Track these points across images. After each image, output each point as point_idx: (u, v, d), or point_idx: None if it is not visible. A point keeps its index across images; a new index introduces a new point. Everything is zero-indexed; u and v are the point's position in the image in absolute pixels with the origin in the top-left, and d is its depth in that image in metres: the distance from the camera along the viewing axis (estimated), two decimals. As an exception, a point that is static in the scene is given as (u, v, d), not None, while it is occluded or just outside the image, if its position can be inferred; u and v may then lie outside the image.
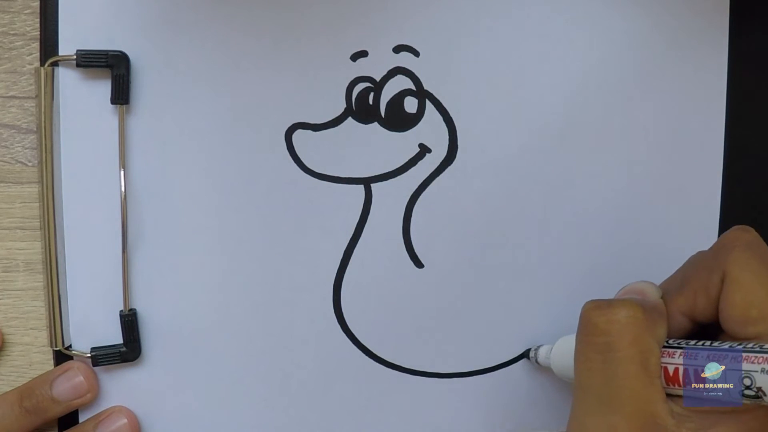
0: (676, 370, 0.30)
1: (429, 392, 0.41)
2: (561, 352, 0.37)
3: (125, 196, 0.38)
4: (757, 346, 0.28)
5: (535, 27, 0.38)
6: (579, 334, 0.31)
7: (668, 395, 0.30)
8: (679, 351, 0.30)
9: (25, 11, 0.37)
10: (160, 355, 0.39)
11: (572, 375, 0.33)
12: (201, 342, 0.39)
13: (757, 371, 0.27)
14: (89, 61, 0.36)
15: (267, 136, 0.38)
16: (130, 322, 0.38)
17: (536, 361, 0.39)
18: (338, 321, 0.40)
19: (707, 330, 0.32)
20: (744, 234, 0.31)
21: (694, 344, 0.30)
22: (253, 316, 0.39)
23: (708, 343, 0.30)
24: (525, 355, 0.41)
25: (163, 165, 0.38)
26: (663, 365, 0.30)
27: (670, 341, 0.31)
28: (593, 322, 0.31)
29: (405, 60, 0.38)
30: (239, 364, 0.40)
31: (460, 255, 0.40)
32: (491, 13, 0.38)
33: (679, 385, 0.30)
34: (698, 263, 0.32)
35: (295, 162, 0.39)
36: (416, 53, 0.38)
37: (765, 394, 0.27)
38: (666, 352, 0.30)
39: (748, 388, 0.28)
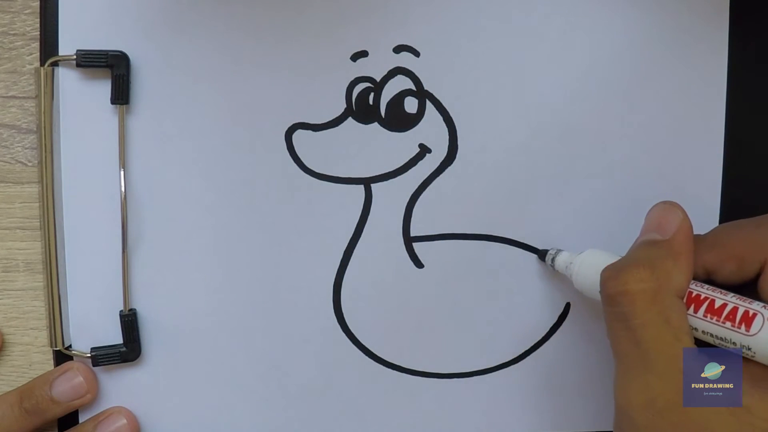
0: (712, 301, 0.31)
1: (429, 392, 0.40)
2: (587, 264, 0.35)
3: (125, 196, 0.38)
4: None
5: (535, 27, 0.38)
6: (602, 303, 0.32)
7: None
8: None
9: (25, 11, 0.37)
10: (160, 355, 0.39)
11: (591, 291, 0.34)
12: (201, 342, 0.39)
13: None
14: (89, 61, 0.36)
15: (267, 136, 0.38)
16: (130, 322, 0.38)
17: (551, 265, 0.38)
18: (338, 321, 0.40)
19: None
20: None
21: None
22: (253, 316, 0.39)
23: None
24: (540, 255, 0.39)
25: (163, 165, 0.38)
26: (702, 295, 0.31)
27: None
28: (607, 293, 0.32)
29: (405, 60, 0.38)
30: (239, 364, 0.40)
31: (460, 255, 0.40)
32: (491, 13, 0.38)
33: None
34: (735, 232, 0.33)
35: (295, 162, 0.39)
36: (416, 53, 0.38)
37: None
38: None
39: None
